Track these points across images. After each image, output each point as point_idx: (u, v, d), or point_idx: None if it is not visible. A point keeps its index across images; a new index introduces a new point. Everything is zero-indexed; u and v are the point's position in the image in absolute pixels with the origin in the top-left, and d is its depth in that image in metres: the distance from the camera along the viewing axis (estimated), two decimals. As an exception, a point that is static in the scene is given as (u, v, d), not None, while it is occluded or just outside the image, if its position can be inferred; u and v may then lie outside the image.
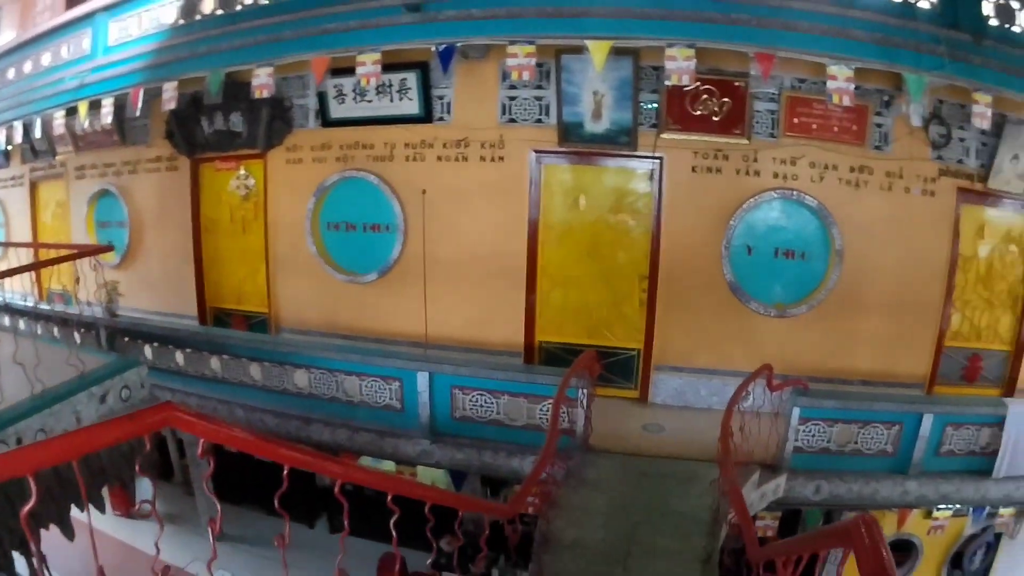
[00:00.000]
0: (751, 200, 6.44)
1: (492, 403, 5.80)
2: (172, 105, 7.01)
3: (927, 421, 5.50)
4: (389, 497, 2.97)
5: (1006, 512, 7.03)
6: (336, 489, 2.74)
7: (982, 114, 5.65)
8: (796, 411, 5.41)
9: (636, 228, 6.73)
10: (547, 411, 5.48)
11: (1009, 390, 7.31)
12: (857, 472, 5.57)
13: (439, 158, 6.87)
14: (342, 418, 6.20)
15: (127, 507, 7.86)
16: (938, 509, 6.84)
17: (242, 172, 7.92)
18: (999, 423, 5.55)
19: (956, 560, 7.56)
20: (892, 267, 6.61)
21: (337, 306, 7.41)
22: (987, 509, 6.85)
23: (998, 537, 7.52)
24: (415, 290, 6.83)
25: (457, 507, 3.94)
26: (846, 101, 5.50)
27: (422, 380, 5.85)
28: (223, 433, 2.55)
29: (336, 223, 7.43)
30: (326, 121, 7.30)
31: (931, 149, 6.53)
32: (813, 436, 5.50)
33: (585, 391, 5.50)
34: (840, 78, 5.44)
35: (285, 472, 2.55)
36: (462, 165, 6.80)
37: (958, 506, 6.55)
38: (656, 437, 6.09)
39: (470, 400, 5.84)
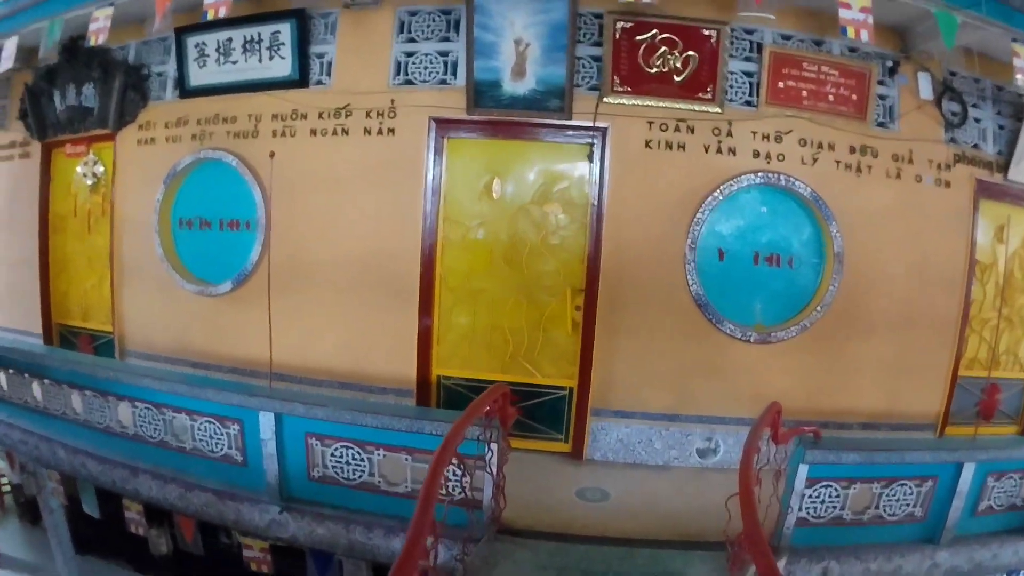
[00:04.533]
0: (724, 186, 4.29)
1: (363, 460, 3.53)
2: (9, 65, 5.00)
3: (967, 472, 3.56)
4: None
5: (1043, 573, 4.96)
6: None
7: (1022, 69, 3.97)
8: (803, 469, 3.33)
9: (570, 225, 4.45)
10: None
11: (1028, 426, 5.32)
12: (877, 546, 3.55)
13: (313, 132, 4.56)
14: (173, 469, 3.92)
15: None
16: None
17: (91, 156, 5.55)
18: (1047, 467, 3.74)
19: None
20: (901, 276, 4.62)
21: (187, 324, 5.01)
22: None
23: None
24: (278, 305, 4.37)
25: None
26: (864, 37, 3.61)
27: (265, 423, 3.59)
28: None
29: (189, 219, 5.05)
30: (184, 91, 5.05)
31: (943, 129, 4.69)
32: (823, 502, 3.43)
33: (494, 445, 3.27)
34: (855, 7, 3.61)
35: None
36: (341, 140, 4.49)
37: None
38: (598, 508, 3.87)
39: (332, 454, 3.57)
